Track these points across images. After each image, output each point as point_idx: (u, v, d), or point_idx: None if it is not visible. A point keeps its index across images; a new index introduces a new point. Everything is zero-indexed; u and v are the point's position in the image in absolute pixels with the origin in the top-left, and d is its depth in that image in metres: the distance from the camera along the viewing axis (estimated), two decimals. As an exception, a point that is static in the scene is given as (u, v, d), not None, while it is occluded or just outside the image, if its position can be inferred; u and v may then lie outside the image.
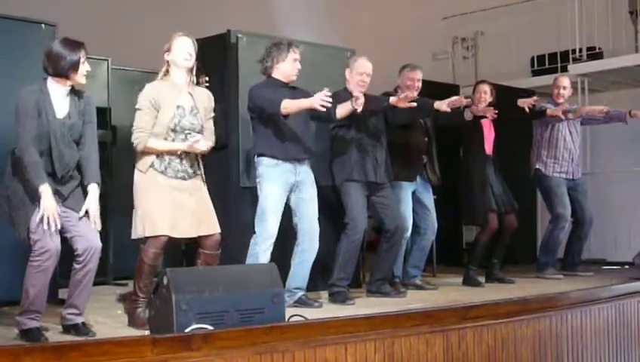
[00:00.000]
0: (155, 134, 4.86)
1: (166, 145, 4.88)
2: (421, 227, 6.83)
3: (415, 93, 6.25)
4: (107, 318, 5.12)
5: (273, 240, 5.56)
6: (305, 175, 5.75)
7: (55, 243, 4.31)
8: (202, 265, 4.90)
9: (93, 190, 4.58)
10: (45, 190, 4.34)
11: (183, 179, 4.94)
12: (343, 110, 5.76)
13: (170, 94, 4.91)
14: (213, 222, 5.00)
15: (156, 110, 4.86)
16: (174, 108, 4.89)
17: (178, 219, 4.84)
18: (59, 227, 4.35)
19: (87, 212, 4.52)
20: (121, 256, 7.04)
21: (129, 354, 3.59)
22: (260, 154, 5.64)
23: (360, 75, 6.13)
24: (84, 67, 4.54)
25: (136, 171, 4.92)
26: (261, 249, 5.51)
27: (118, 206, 7.01)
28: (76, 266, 4.47)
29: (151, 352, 3.63)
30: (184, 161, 4.94)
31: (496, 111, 6.75)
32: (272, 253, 5.55)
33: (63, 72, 4.48)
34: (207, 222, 4.96)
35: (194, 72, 5.04)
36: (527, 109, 7.06)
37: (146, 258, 4.79)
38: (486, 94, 7.10)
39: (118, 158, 7.20)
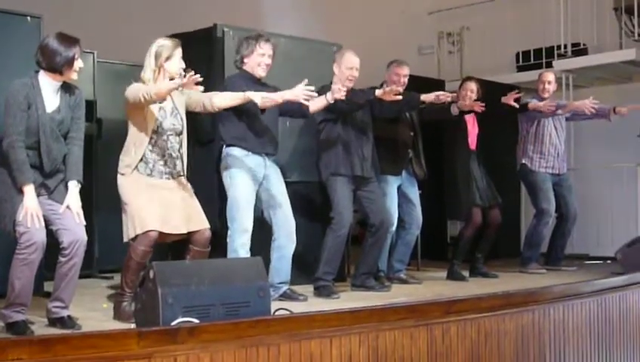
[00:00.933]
0: (139, 138, 4.87)
1: (166, 85, 4.73)
2: (406, 221, 6.86)
3: (401, 89, 6.26)
4: (93, 311, 5.12)
5: (249, 233, 5.51)
6: (272, 169, 5.72)
7: (41, 237, 4.31)
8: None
9: (73, 187, 4.58)
10: (29, 190, 4.35)
11: (168, 179, 4.96)
12: (316, 104, 5.68)
13: None
14: (203, 218, 5.01)
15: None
16: (157, 110, 4.90)
17: (168, 215, 4.85)
18: (42, 224, 4.36)
19: (68, 207, 4.53)
20: (106, 249, 7.05)
21: (115, 346, 3.59)
22: (230, 145, 5.59)
23: (349, 69, 6.13)
24: (78, 63, 4.53)
25: (119, 176, 4.91)
26: (238, 243, 5.47)
27: (103, 199, 7.01)
28: (62, 259, 4.47)
29: (137, 345, 3.64)
30: (168, 163, 4.95)
31: (483, 105, 6.78)
32: (253, 248, 5.52)
33: (57, 67, 4.47)
34: (197, 217, 4.98)
35: None
36: (512, 104, 7.08)
37: (134, 255, 4.78)
38: (472, 92, 7.12)
39: (103, 152, 7.17)
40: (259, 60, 5.63)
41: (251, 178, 5.57)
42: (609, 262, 8.36)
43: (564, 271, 7.59)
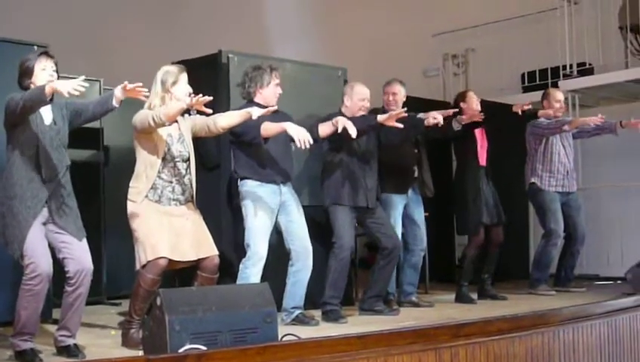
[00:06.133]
0: (148, 165, 4.88)
1: (175, 105, 4.78)
2: (410, 243, 6.79)
3: (397, 108, 6.24)
4: (101, 338, 5.13)
5: (263, 261, 5.55)
6: (289, 195, 5.78)
7: (46, 268, 4.29)
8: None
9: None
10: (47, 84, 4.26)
11: (176, 205, 4.96)
12: (325, 129, 5.75)
13: None
14: (211, 244, 5.01)
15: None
16: (165, 136, 4.92)
17: (178, 242, 4.84)
18: (48, 251, 4.35)
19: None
20: (114, 275, 7.06)
21: (122, 375, 3.61)
22: (244, 177, 5.66)
23: (362, 100, 6.15)
24: (46, 73, 4.46)
25: (129, 203, 4.91)
26: (252, 272, 5.51)
27: (111, 226, 7.03)
28: (68, 289, 4.45)
29: (144, 373, 3.64)
30: (176, 190, 4.96)
31: (483, 114, 6.70)
32: (265, 273, 5.53)
33: (24, 82, 4.45)
34: (206, 244, 4.98)
35: None
36: (520, 113, 6.96)
37: (143, 283, 4.77)
38: (478, 101, 7.12)
39: (110, 179, 7.20)
40: (275, 90, 5.69)
41: (267, 207, 5.62)
42: (619, 282, 8.31)
43: (573, 293, 7.54)
